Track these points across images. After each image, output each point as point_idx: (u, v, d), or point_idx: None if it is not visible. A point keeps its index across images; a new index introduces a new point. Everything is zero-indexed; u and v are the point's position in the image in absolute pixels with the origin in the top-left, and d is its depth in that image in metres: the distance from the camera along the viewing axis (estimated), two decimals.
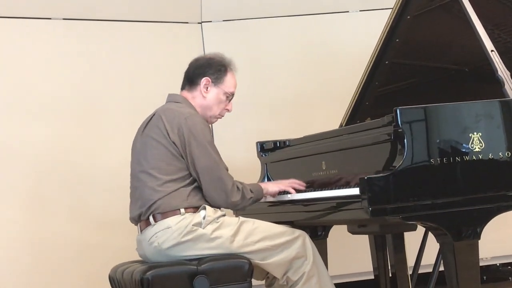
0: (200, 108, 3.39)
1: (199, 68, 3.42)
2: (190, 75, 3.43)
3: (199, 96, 3.40)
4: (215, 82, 3.39)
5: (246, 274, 3.12)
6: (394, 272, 3.67)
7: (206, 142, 3.22)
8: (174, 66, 4.75)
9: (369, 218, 2.86)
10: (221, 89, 3.40)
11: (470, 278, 2.97)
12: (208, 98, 3.39)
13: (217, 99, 3.40)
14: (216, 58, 3.44)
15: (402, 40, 3.80)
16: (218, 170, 3.21)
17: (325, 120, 4.25)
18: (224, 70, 3.41)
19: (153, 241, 3.19)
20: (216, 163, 3.22)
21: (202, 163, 3.21)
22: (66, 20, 4.67)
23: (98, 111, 4.67)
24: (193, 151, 3.21)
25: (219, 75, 3.40)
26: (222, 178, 3.21)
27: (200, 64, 3.43)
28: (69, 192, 4.53)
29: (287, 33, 5.07)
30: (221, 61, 3.43)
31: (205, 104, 3.40)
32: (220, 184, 3.20)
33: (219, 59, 3.44)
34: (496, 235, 4.80)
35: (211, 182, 3.20)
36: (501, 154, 3.00)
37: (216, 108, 3.42)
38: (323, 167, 3.43)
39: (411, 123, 2.93)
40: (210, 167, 3.21)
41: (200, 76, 3.39)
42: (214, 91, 3.40)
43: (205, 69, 3.41)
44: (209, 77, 3.39)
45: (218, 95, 3.40)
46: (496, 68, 3.24)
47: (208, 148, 3.22)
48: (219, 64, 3.42)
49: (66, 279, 4.47)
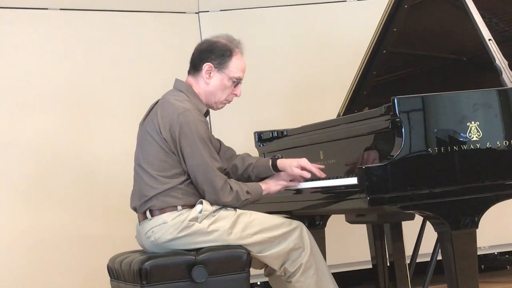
0: (204, 94, 3.29)
1: (202, 53, 3.29)
2: (194, 59, 3.31)
3: (202, 82, 3.29)
4: (219, 68, 3.26)
5: (244, 264, 3.12)
6: (392, 261, 3.67)
7: (197, 141, 3.13)
8: (171, 56, 4.78)
9: (367, 207, 2.86)
10: (225, 74, 3.27)
11: (468, 267, 2.97)
12: (212, 84, 3.28)
13: (221, 85, 3.28)
14: (221, 41, 3.29)
15: (400, 29, 3.79)
16: (207, 170, 3.13)
17: (323, 109, 4.25)
18: (228, 54, 3.27)
19: (149, 236, 3.18)
20: (205, 163, 3.13)
21: (191, 162, 3.14)
22: (63, 10, 4.65)
23: (96, 102, 4.66)
24: (184, 150, 3.14)
25: (222, 60, 3.26)
26: (211, 178, 3.13)
27: (203, 49, 3.30)
28: (68, 184, 4.53)
29: (284, 23, 5.06)
30: (225, 45, 3.28)
31: (208, 90, 3.29)
32: (209, 184, 3.14)
33: (223, 43, 3.28)
34: (494, 224, 4.81)
35: (201, 182, 3.15)
36: (499, 143, 3.00)
37: (220, 94, 3.30)
38: (320, 157, 3.43)
39: (409, 113, 2.93)
40: (199, 167, 3.13)
41: (203, 62, 3.27)
42: (217, 76, 3.27)
43: (207, 53, 3.28)
44: (211, 63, 3.26)
45: (222, 81, 3.28)
46: (494, 57, 3.23)
47: (199, 147, 3.13)
48: (223, 48, 3.27)
49: (65, 269, 4.47)
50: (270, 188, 3.33)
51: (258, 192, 3.28)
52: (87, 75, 4.65)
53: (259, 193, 3.29)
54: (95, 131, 4.63)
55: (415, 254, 3.80)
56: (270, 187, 3.33)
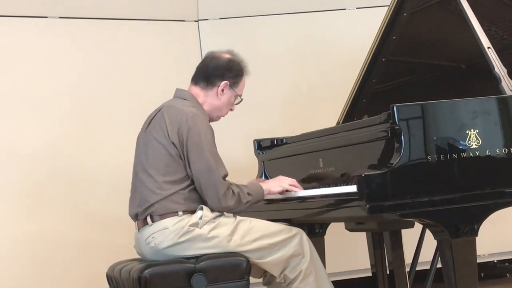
0: (210, 107, 3.36)
1: (219, 69, 3.36)
2: (208, 73, 3.37)
3: (213, 97, 3.36)
4: (232, 86, 3.37)
5: (244, 272, 3.12)
6: (392, 269, 3.67)
7: (204, 145, 3.18)
8: (171, 64, 4.79)
9: (366, 215, 2.86)
10: (234, 92, 3.38)
11: (467, 275, 2.97)
12: (222, 100, 3.37)
13: (228, 101, 3.39)
14: (235, 60, 3.40)
15: (399, 37, 3.80)
16: (211, 175, 3.16)
17: (322, 117, 4.25)
18: (241, 74, 3.40)
19: (150, 241, 3.19)
20: (210, 168, 3.16)
21: (196, 166, 3.17)
22: (62, 18, 4.66)
23: (96, 110, 4.67)
24: (190, 154, 3.17)
25: (237, 80, 3.38)
26: (215, 183, 3.16)
27: (220, 65, 3.37)
28: (68, 191, 4.53)
29: (284, 31, 5.07)
30: (239, 65, 3.39)
31: (217, 105, 3.37)
32: (213, 190, 3.16)
33: (238, 62, 3.40)
34: (493, 232, 4.80)
35: (204, 187, 3.17)
36: (498, 151, 3.00)
37: (225, 109, 3.41)
38: (320, 165, 3.43)
39: (408, 120, 2.93)
40: (203, 171, 3.16)
41: (219, 78, 3.35)
42: (228, 94, 3.37)
43: (224, 71, 3.36)
44: (229, 81, 3.35)
45: (230, 98, 3.39)
46: (493, 65, 3.24)
47: (205, 152, 3.17)
48: (238, 68, 3.38)
49: (65, 277, 4.46)
50: (271, 188, 3.36)
51: (259, 193, 3.30)
52: (86, 83, 4.66)
53: (261, 193, 3.31)
54: (95, 138, 4.63)
55: (415, 262, 3.80)
56: (271, 187, 3.36)
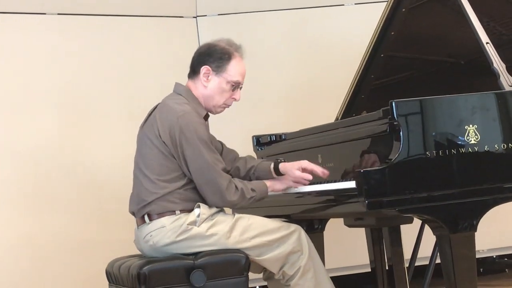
0: (202, 97, 3.29)
1: (200, 56, 3.30)
2: (193, 62, 3.32)
3: (200, 86, 3.28)
4: (217, 71, 3.26)
5: (243, 268, 3.12)
6: (391, 265, 3.67)
7: (198, 142, 3.13)
8: (169, 60, 4.79)
9: (365, 211, 2.86)
10: (223, 78, 3.27)
11: (466, 270, 2.97)
12: (210, 87, 3.27)
13: (219, 88, 3.28)
14: (220, 45, 3.30)
15: (397, 33, 3.80)
16: (210, 171, 3.13)
17: (321, 113, 4.25)
18: (227, 57, 3.26)
19: (148, 240, 3.18)
20: (208, 164, 3.13)
21: (194, 164, 3.14)
22: (60, 15, 4.66)
23: (94, 106, 4.66)
24: (185, 152, 3.14)
25: (221, 63, 3.26)
26: (216, 179, 3.13)
27: (201, 52, 3.31)
28: (67, 188, 4.52)
29: (282, 27, 5.07)
30: (224, 48, 3.27)
31: (206, 94, 3.28)
32: (214, 186, 3.13)
33: (222, 46, 3.28)
34: (492, 227, 4.80)
35: (205, 184, 3.15)
36: (497, 146, 3.00)
37: (218, 98, 3.29)
38: (319, 161, 3.43)
39: (407, 116, 2.93)
40: (202, 168, 3.13)
41: (200, 64, 3.27)
42: (215, 80, 3.27)
43: (205, 57, 3.28)
44: (209, 66, 3.26)
45: (220, 84, 3.27)
46: (492, 60, 3.24)
47: (201, 148, 3.14)
48: (222, 51, 3.27)
49: (64, 274, 4.46)
50: (275, 186, 3.32)
51: (263, 190, 3.28)
52: (85, 80, 4.66)
53: (264, 190, 3.28)
54: (94, 135, 4.63)
55: (414, 257, 3.81)
56: (275, 185, 3.33)
